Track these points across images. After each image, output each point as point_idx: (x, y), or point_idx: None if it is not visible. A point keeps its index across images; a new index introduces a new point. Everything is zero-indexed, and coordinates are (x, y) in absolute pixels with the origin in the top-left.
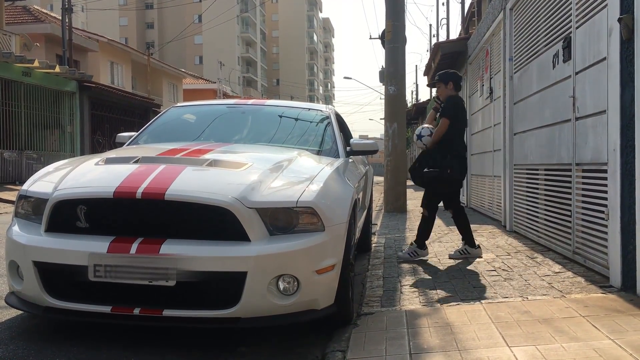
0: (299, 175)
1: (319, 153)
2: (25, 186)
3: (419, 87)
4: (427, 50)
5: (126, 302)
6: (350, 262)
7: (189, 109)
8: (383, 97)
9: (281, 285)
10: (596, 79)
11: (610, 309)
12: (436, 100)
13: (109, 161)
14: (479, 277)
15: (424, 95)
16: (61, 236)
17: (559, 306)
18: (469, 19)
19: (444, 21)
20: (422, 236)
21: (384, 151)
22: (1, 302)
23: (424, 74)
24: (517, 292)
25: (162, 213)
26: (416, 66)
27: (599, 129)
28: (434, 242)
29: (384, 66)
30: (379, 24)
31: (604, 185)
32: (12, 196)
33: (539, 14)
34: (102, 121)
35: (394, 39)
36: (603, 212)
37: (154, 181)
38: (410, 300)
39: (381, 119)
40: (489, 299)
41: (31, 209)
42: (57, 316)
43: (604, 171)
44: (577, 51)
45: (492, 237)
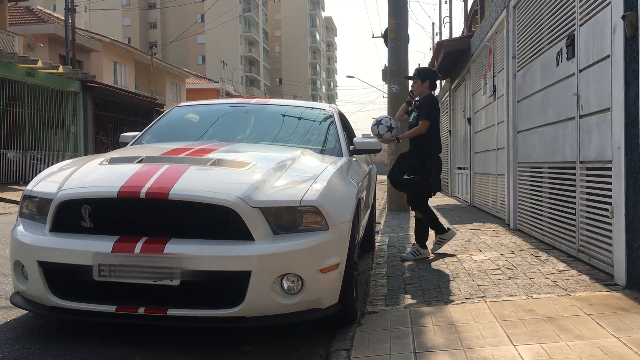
0: (302, 174)
1: (322, 152)
2: (30, 186)
3: None
4: (430, 49)
5: (131, 301)
6: (354, 261)
7: (192, 108)
8: (386, 95)
9: (285, 285)
10: (600, 76)
11: (615, 307)
12: (410, 94)
13: (112, 161)
14: (483, 275)
15: None
16: (66, 236)
17: (563, 304)
18: (472, 17)
19: (447, 19)
20: (421, 239)
21: (387, 150)
22: (6, 302)
23: None
24: (522, 291)
25: (166, 212)
26: (419, 64)
27: (603, 126)
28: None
29: (386, 65)
30: (381, 22)
31: (609, 183)
32: (16, 196)
33: (542, 11)
34: (105, 121)
35: (396, 37)
36: (607, 210)
37: (158, 181)
38: (414, 299)
39: None
40: (493, 298)
41: (36, 209)
42: (62, 316)
43: (608, 169)
44: (581, 49)
45: (496, 236)
